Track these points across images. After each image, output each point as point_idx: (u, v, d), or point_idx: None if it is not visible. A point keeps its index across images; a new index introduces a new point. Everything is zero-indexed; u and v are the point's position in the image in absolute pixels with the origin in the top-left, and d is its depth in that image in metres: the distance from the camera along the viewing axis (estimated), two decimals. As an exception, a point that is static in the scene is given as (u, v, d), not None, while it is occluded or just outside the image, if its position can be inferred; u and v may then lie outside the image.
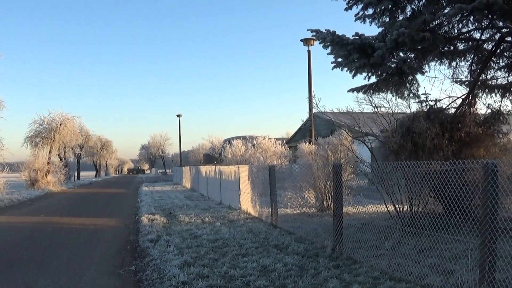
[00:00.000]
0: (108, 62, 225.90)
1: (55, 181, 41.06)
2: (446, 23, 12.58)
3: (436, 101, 12.81)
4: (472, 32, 12.97)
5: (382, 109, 12.84)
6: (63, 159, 49.15)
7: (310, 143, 22.89)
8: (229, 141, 42.62)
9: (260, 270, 8.38)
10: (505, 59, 13.26)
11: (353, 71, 12.95)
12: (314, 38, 15.22)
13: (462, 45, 13.44)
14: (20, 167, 38.90)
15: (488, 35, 12.89)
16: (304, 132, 39.04)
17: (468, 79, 13.44)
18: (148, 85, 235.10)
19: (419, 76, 13.40)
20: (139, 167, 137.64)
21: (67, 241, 12.95)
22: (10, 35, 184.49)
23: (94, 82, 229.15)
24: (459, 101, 12.55)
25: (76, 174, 63.56)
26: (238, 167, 19.27)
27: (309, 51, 26.86)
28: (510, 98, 13.33)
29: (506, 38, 12.27)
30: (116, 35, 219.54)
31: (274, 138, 36.01)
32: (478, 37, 13.06)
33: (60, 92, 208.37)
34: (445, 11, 11.63)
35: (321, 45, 13.05)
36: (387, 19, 12.91)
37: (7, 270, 9.35)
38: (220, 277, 7.95)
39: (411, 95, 13.44)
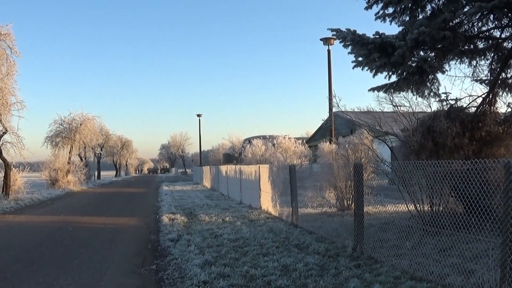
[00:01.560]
0: (129, 62, 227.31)
1: (76, 181, 41.29)
2: (466, 21, 12.52)
3: (456, 100, 12.74)
4: (492, 30, 12.89)
5: (403, 108, 12.81)
6: (84, 158, 49.41)
7: (330, 143, 22.86)
8: (249, 140, 42.57)
9: (281, 269, 8.39)
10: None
11: (374, 70, 12.96)
12: (334, 37, 15.29)
13: (482, 44, 13.35)
14: (41, 167, 39.05)
15: (508, 34, 12.77)
16: (324, 132, 38.93)
17: (488, 78, 13.35)
18: (169, 84, 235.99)
19: (439, 75, 13.37)
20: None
21: (88, 240, 13.07)
22: (30, 35, 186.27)
23: (115, 81, 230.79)
24: (479, 100, 12.46)
25: (96, 173, 63.84)
26: (259, 167, 19.31)
27: (329, 51, 26.82)
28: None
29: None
30: (136, 34, 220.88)
31: (294, 138, 35.88)
32: (498, 36, 12.96)
33: (80, 92, 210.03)
34: (465, 9, 11.57)
35: (342, 44, 13.08)
36: (407, 18, 12.89)
37: (28, 269, 9.43)
38: (241, 277, 7.97)
39: (432, 94, 13.40)
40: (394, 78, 13.38)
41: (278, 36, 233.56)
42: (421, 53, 12.64)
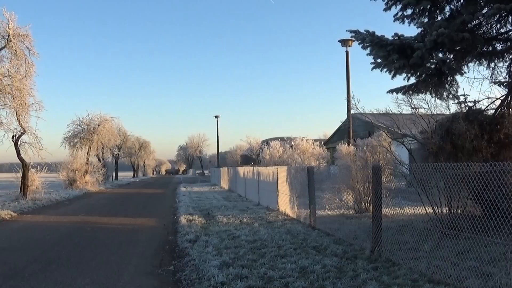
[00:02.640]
0: (146, 63, 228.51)
1: (93, 181, 41.66)
2: (484, 23, 12.45)
3: (475, 102, 12.64)
4: (511, 32, 12.80)
5: (421, 110, 12.76)
6: (101, 159, 49.87)
7: (348, 144, 22.83)
8: (266, 142, 42.70)
9: (299, 271, 8.39)
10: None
11: (393, 72, 12.95)
12: (353, 39, 15.26)
13: (500, 46, 13.24)
14: (59, 167, 39.47)
15: (527, 36, 12.70)
16: (341, 134, 38.86)
17: (507, 80, 13.24)
18: (186, 86, 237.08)
19: (458, 77, 13.29)
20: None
21: (105, 240, 13.17)
22: (49, 36, 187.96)
23: (132, 83, 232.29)
24: (497, 102, 12.36)
25: (114, 174, 64.37)
26: (277, 168, 19.32)
27: (347, 52, 26.79)
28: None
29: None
30: (154, 34, 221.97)
31: (312, 140, 35.90)
32: (517, 38, 12.87)
33: (98, 93, 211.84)
34: (484, 11, 11.52)
35: (360, 45, 13.10)
36: (426, 20, 12.86)
37: (46, 269, 9.49)
38: (259, 278, 7.97)
39: (450, 96, 13.35)
40: (413, 80, 13.35)
41: (296, 37, 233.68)
42: (440, 55, 12.60)
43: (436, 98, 13.41)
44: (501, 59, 13.36)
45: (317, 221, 13.71)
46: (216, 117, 67.00)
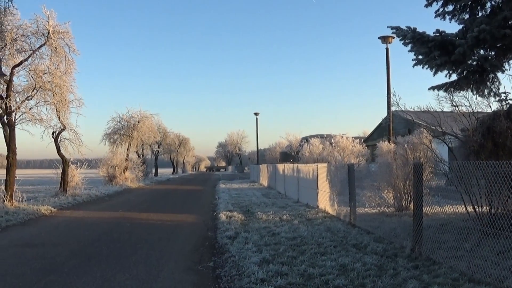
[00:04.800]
0: (187, 58, 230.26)
1: (133, 178, 42.09)
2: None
3: (516, 100, 12.49)
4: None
5: (463, 107, 12.65)
6: (141, 156, 50.38)
7: (389, 142, 22.71)
8: (306, 139, 42.58)
9: (339, 269, 8.42)
10: None
11: (434, 69, 12.91)
12: (393, 35, 15.21)
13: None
14: (98, 164, 39.96)
15: None
16: (381, 131, 38.58)
17: (549, 77, 13.05)
18: (226, 83, 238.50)
19: (499, 74, 13.13)
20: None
21: (145, 236, 13.26)
22: (90, 34, 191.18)
23: (172, 80, 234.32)
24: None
25: (153, 171, 64.77)
26: (317, 166, 19.36)
27: (387, 49, 26.63)
28: None
29: None
30: (194, 29, 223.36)
31: (352, 137, 35.73)
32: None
33: (138, 89, 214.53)
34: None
35: (402, 42, 13.07)
36: (467, 16, 12.78)
37: (85, 264, 9.61)
38: (299, 275, 8.01)
39: (492, 93, 13.18)
40: (454, 77, 13.27)
41: (335, 35, 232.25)
42: (481, 51, 12.48)
43: (478, 95, 13.29)
44: (542, 56, 13.16)
45: (357, 219, 13.73)
46: (256, 114, 67.27)
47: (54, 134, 24.85)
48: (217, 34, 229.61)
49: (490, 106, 12.67)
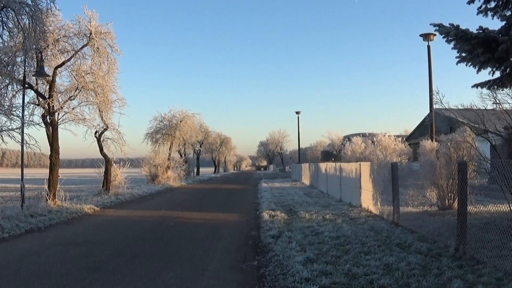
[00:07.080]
0: (228, 58, 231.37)
1: (175, 177, 42.35)
2: None
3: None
4: None
5: (506, 105, 12.55)
6: (183, 155, 50.76)
7: (432, 140, 22.52)
8: (348, 138, 42.53)
9: (383, 268, 8.43)
10: None
11: (478, 66, 12.80)
12: (435, 33, 15.12)
13: None
14: (141, 163, 40.26)
15: None
16: (423, 129, 38.18)
17: None
18: (267, 81, 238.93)
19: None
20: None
21: (188, 235, 13.41)
22: (132, 34, 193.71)
23: (214, 79, 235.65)
24: None
25: (195, 170, 65.08)
26: (359, 164, 19.32)
27: (428, 47, 26.34)
28: None
29: None
30: (235, 28, 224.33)
31: (394, 136, 35.47)
32: None
33: (179, 88, 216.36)
34: None
35: (445, 39, 13.00)
36: (509, 13, 12.63)
37: (129, 263, 9.71)
38: (343, 275, 8.03)
39: (535, 91, 13.03)
40: (497, 74, 13.13)
41: (376, 33, 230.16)
42: (525, 49, 12.34)
43: (521, 92, 13.14)
44: None
45: (400, 218, 13.72)
46: (297, 113, 67.21)
47: (97, 133, 25.19)
48: (260, 34, 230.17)
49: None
